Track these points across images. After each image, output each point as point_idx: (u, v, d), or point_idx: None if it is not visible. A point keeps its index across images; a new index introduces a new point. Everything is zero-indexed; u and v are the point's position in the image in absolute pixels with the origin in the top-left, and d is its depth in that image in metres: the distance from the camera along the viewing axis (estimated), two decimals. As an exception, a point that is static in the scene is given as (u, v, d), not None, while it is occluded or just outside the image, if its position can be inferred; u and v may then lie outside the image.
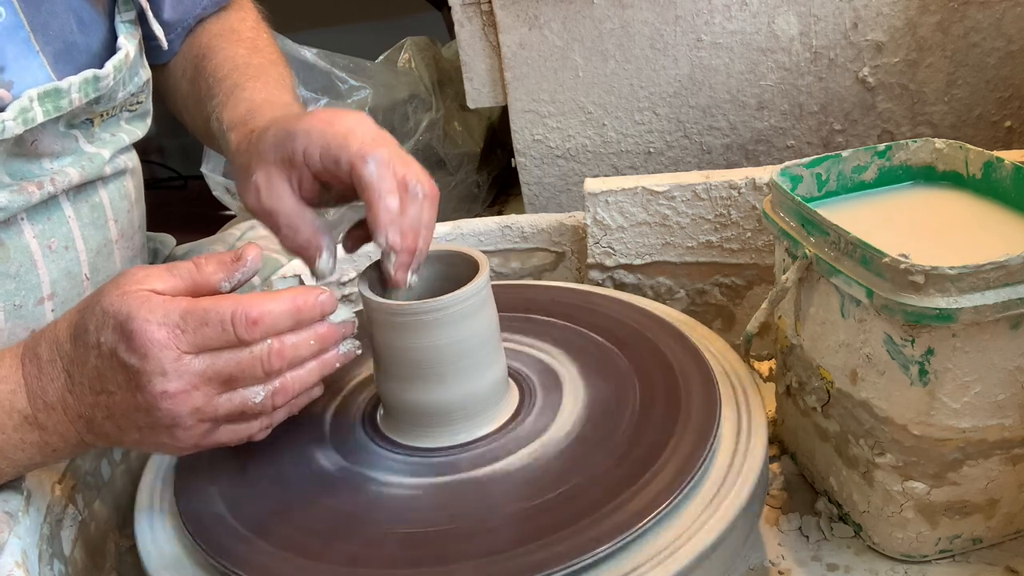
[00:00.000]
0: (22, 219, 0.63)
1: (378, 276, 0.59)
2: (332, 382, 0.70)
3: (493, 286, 0.62)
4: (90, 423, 0.52)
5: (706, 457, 0.56)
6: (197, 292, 0.52)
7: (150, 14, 0.72)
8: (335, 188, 0.59)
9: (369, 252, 0.86)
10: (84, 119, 0.67)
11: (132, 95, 0.71)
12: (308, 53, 1.19)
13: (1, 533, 0.52)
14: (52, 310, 0.65)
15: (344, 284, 0.87)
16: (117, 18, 0.69)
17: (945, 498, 0.59)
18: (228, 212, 1.20)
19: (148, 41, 0.75)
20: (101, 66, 0.66)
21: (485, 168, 1.33)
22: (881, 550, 0.62)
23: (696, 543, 0.51)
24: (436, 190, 0.58)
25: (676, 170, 1.07)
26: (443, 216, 0.75)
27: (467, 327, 0.59)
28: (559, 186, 1.11)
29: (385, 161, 0.56)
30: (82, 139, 0.67)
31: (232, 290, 0.53)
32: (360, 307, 0.62)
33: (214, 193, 1.17)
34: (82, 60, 0.66)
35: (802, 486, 0.70)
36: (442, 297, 0.58)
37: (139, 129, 0.73)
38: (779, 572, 0.63)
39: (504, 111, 1.12)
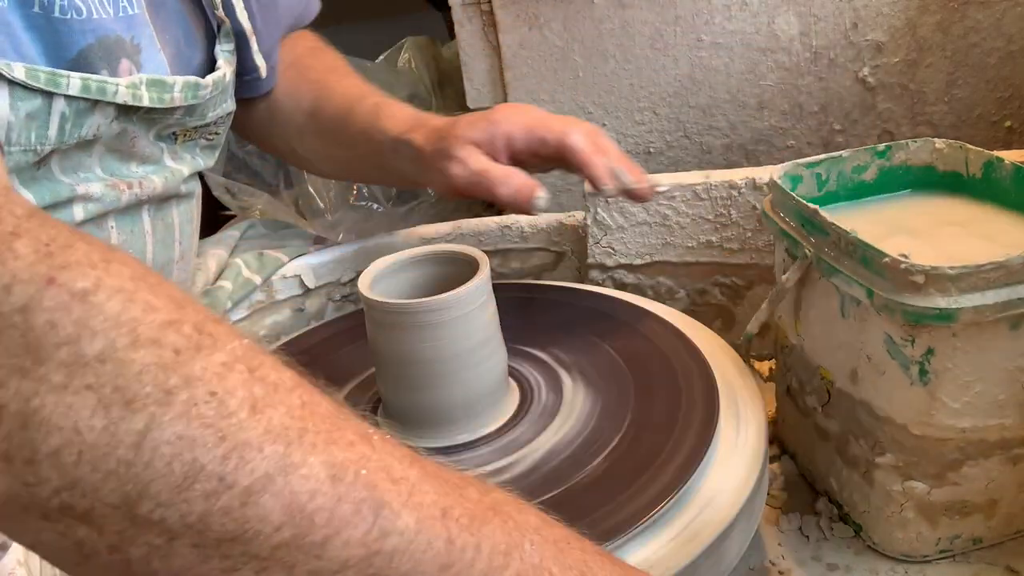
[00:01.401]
0: (111, 227, 0.65)
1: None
2: (333, 382, 0.70)
3: (493, 286, 0.62)
4: None
5: (705, 457, 0.56)
6: None
7: (255, 45, 0.76)
8: (526, 165, 0.72)
9: (368, 252, 0.86)
10: (170, 132, 0.69)
11: (214, 123, 0.74)
12: (308, 53, 1.19)
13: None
14: None
15: (344, 284, 0.87)
16: (217, 46, 0.73)
17: (945, 498, 0.59)
18: (228, 212, 1.20)
19: (241, 76, 0.79)
20: (203, 77, 0.69)
21: (485, 168, 1.33)
22: (881, 550, 0.62)
23: (696, 543, 0.51)
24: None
25: (676, 170, 1.07)
26: (443, 216, 0.75)
27: (467, 327, 0.59)
28: (559, 186, 1.11)
29: (582, 131, 0.71)
30: (166, 152, 0.70)
31: None
32: (360, 307, 0.62)
33: (214, 193, 1.17)
34: (187, 71, 0.69)
35: (802, 486, 0.70)
36: (442, 296, 0.58)
37: (208, 160, 0.76)
38: (779, 572, 0.63)
39: (504, 111, 1.12)
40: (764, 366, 0.83)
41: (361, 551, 0.33)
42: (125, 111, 0.62)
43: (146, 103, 0.63)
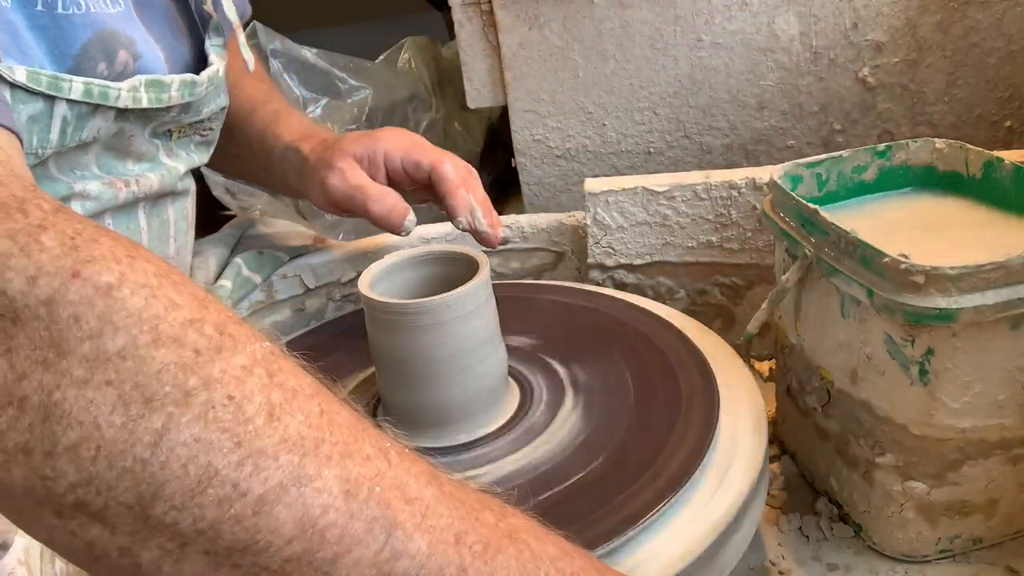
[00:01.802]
0: (108, 223, 0.65)
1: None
2: (334, 382, 0.70)
3: (493, 286, 0.62)
4: None
5: (705, 457, 0.56)
6: None
7: (242, 38, 0.76)
8: (400, 188, 0.74)
9: (369, 252, 0.86)
10: (166, 130, 0.69)
11: (209, 119, 0.74)
12: (308, 53, 1.19)
13: (8, 532, 0.52)
14: None
15: (344, 284, 0.87)
16: (208, 42, 0.73)
17: (945, 498, 0.59)
18: (228, 212, 1.20)
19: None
20: (197, 74, 0.69)
21: (485, 168, 1.33)
22: (881, 550, 0.62)
23: (695, 544, 0.51)
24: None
25: (676, 170, 1.07)
26: (442, 216, 0.75)
27: (467, 327, 0.59)
28: (559, 186, 1.11)
29: (456, 164, 0.73)
30: (162, 150, 0.70)
31: None
32: (360, 307, 0.62)
33: (214, 193, 1.17)
34: (180, 66, 0.69)
35: (802, 486, 0.70)
36: (442, 296, 0.58)
37: (203, 156, 0.76)
38: (779, 572, 0.63)
39: (504, 111, 1.12)
40: (764, 366, 0.83)
41: (371, 572, 0.32)
42: (123, 112, 0.62)
43: (145, 104, 0.63)
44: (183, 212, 0.74)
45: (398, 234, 0.72)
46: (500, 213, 0.80)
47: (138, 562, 0.32)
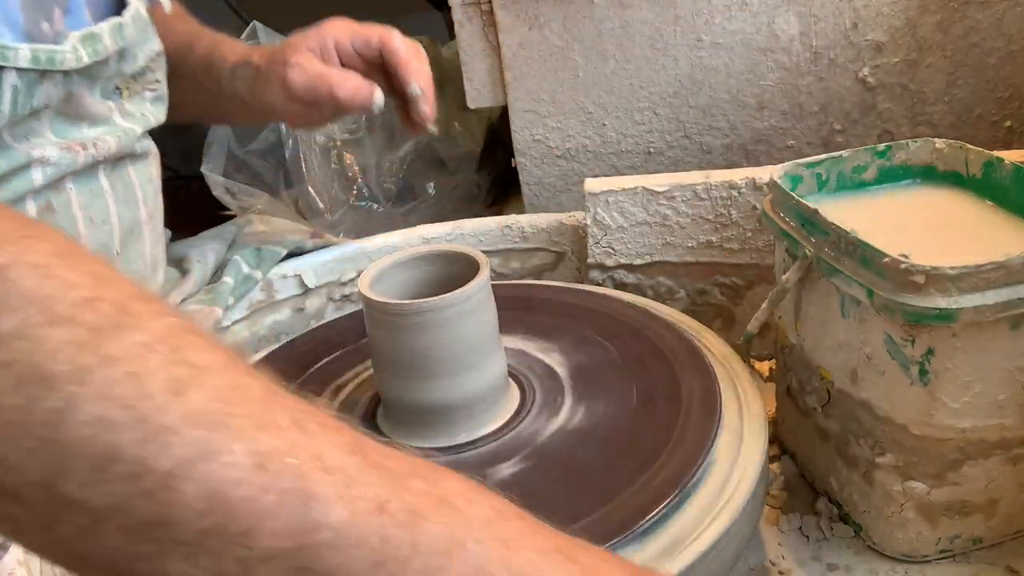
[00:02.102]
0: (70, 188, 0.64)
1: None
2: (333, 382, 0.70)
3: (493, 286, 0.62)
4: None
5: (706, 457, 0.56)
6: None
7: None
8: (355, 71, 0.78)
9: (369, 252, 0.86)
10: (114, 87, 0.69)
11: (150, 68, 0.73)
12: (308, 53, 1.19)
13: None
14: None
15: (344, 284, 0.87)
16: None
17: (945, 498, 0.59)
18: (228, 212, 1.20)
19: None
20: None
21: (485, 168, 1.33)
22: (881, 550, 0.62)
23: (696, 544, 0.51)
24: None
25: (676, 170, 1.07)
26: (443, 216, 0.76)
27: (467, 327, 0.59)
28: (559, 186, 1.11)
29: (404, 39, 0.78)
30: (116, 111, 0.69)
31: None
32: (360, 307, 0.62)
33: (214, 193, 1.17)
34: (103, 11, 0.68)
35: (802, 486, 0.70)
36: (442, 296, 0.58)
37: (159, 112, 0.76)
38: (779, 572, 0.62)
39: (504, 111, 1.12)
40: (764, 366, 0.83)
41: (288, 543, 0.32)
42: (68, 74, 0.62)
43: (87, 60, 0.62)
44: (147, 175, 0.73)
45: (369, 112, 0.76)
46: (500, 213, 0.80)
47: (58, 537, 0.32)
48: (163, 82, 0.76)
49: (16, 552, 0.51)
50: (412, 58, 0.77)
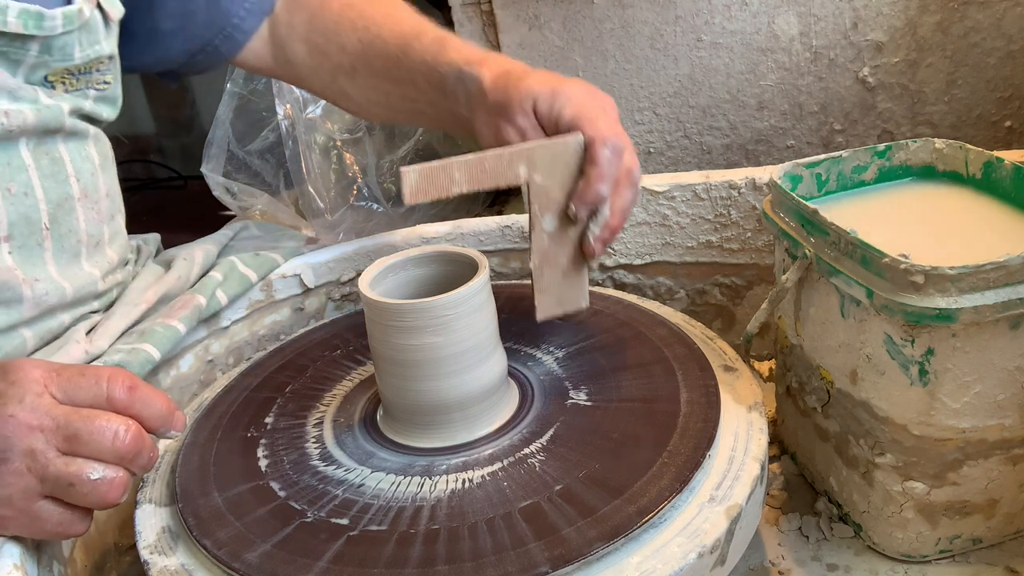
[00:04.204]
0: None
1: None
2: (334, 382, 0.70)
3: (493, 286, 0.62)
4: None
5: (706, 457, 0.56)
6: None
7: None
8: None
9: (369, 252, 0.86)
10: (44, 76, 0.68)
11: (96, 70, 0.72)
12: (308, 53, 1.19)
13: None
14: (9, 252, 0.66)
15: (344, 284, 0.87)
16: None
17: (945, 498, 0.59)
18: (228, 212, 1.20)
19: (230, 20, 0.82)
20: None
21: (485, 168, 1.33)
22: (881, 550, 0.62)
23: (696, 543, 0.51)
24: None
25: (676, 170, 1.07)
26: (443, 216, 0.75)
27: (466, 327, 0.59)
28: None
29: (618, 151, 0.65)
30: (41, 93, 0.68)
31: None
32: (360, 307, 0.62)
33: (214, 193, 1.17)
34: (53, 3, 0.66)
35: (802, 486, 0.70)
36: (442, 296, 0.58)
37: (106, 111, 0.74)
38: (779, 572, 0.63)
39: (504, 111, 1.12)
40: (764, 366, 0.83)
41: None
42: None
43: None
44: (83, 153, 0.72)
45: None
46: (500, 213, 0.80)
47: None
48: (114, 85, 0.74)
49: (13, 557, 0.51)
50: (605, 179, 0.64)
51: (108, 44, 0.73)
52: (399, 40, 0.79)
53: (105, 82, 0.73)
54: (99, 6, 0.71)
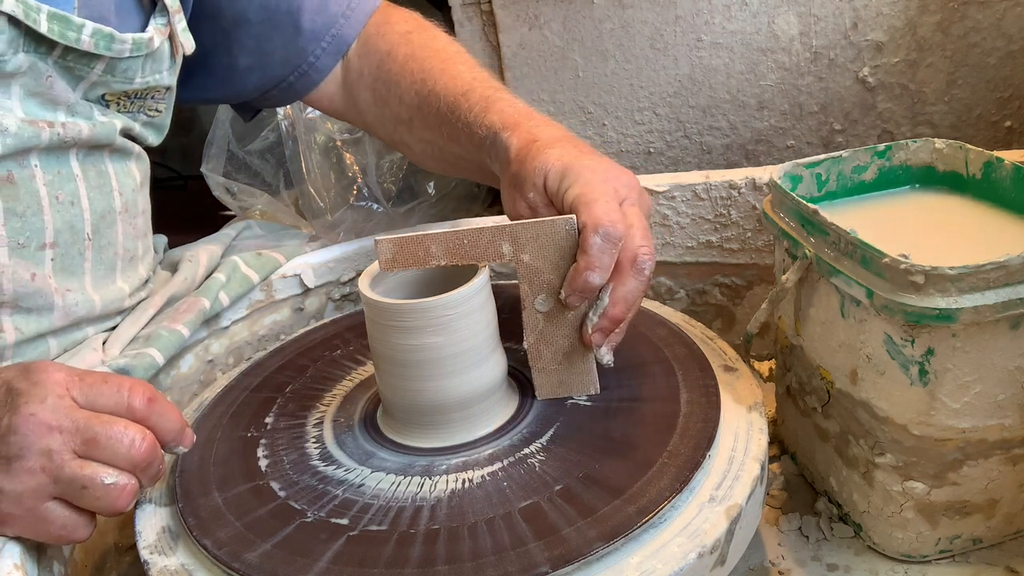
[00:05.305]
0: (35, 165, 0.65)
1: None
2: (334, 382, 0.70)
3: (493, 286, 0.62)
4: None
5: (706, 457, 0.56)
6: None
7: (179, 23, 0.74)
8: None
9: (368, 252, 0.86)
10: (101, 95, 0.69)
11: (151, 97, 0.73)
12: (308, 53, 1.19)
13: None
14: (52, 258, 0.67)
15: (344, 284, 0.87)
16: (152, 19, 0.72)
17: (945, 498, 0.59)
18: (228, 212, 1.20)
19: (299, 67, 0.84)
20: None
21: (485, 168, 1.33)
22: (881, 550, 0.62)
23: (696, 544, 0.51)
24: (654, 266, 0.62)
25: (676, 170, 1.07)
26: (443, 216, 0.75)
27: (466, 327, 0.59)
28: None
29: (612, 238, 0.59)
30: (96, 110, 0.69)
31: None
32: (360, 307, 0.62)
33: (214, 193, 1.17)
34: (100, 22, 0.67)
35: (802, 486, 0.70)
36: (442, 296, 0.58)
37: (151, 137, 0.76)
38: (779, 572, 0.63)
39: (504, 111, 1.12)
40: (764, 366, 0.83)
41: None
42: (35, 41, 0.62)
43: (43, 30, 0.62)
44: (126, 170, 0.73)
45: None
46: (500, 213, 0.79)
47: None
48: (164, 115, 0.76)
49: (12, 555, 0.51)
50: (595, 268, 0.58)
51: (169, 76, 0.75)
52: (450, 96, 0.79)
53: (157, 110, 0.75)
54: (170, 37, 0.73)
